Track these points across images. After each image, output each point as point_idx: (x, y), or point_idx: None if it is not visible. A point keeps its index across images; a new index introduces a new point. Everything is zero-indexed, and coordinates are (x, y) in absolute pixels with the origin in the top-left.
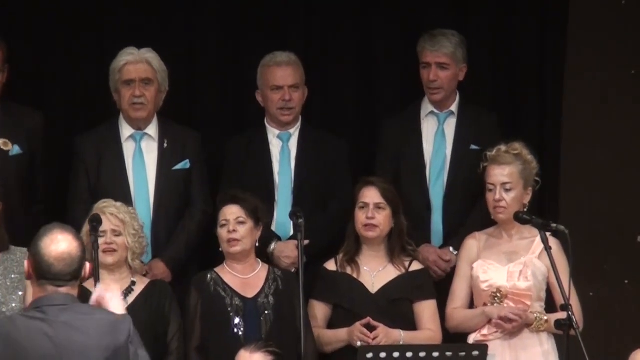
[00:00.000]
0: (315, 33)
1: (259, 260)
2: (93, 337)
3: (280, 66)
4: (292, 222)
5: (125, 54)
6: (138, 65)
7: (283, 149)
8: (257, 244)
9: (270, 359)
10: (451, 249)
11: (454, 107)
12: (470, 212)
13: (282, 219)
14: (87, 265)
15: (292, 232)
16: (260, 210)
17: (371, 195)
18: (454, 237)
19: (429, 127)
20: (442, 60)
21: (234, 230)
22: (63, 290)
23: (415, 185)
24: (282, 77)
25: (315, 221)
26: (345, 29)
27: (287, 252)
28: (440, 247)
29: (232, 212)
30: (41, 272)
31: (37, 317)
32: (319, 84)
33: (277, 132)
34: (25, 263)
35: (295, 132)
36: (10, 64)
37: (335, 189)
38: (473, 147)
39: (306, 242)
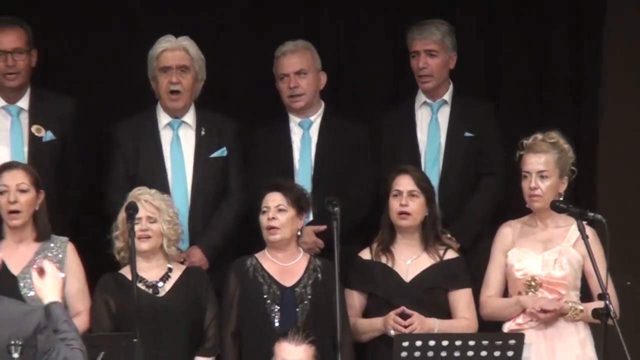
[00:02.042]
0: (343, 22)
1: (301, 249)
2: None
3: (285, 55)
4: (311, 209)
5: (162, 41)
6: (175, 52)
7: (304, 136)
8: (300, 234)
9: (313, 350)
10: (448, 235)
11: (446, 97)
12: (467, 198)
13: None
14: (0, 258)
15: (310, 218)
16: (304, 199)
17: (405, 183)
18: (452, 223)
19: (422, 117)
20: (430, 47)
21: (274, 218)
22: None
23: None
24: (287, 64)
25: None
26: (376, 14)
27: (305, 237)
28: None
29: (273, 200)
30: None
31: None
32: (349, 73)
33: (298, 119)
34: None
35: (316, 119)
36: (44, 49)
37: (355, 176)
38: (467, 134)
39: (322, 227)
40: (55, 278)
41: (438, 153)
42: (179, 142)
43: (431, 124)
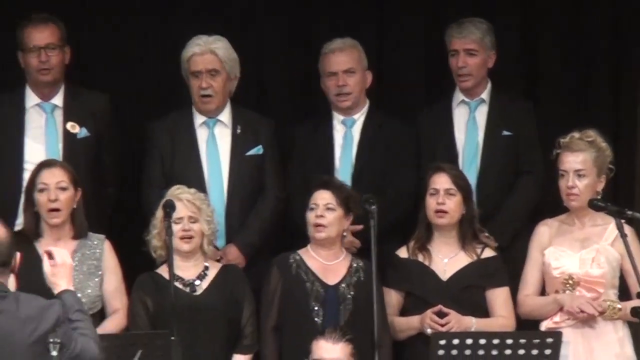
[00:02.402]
0: (386, 19)
1: (344, 249)
2: (18, 326)
3: (333, 52)
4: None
5: (192, 44)
6: (204, 57)
7: (346, 134)
8: (345, 234)
9: (351, 348)
10: (486, 233)
11: (484, 95)
12: (505, 197)
13: None
14: (18, 255)
15: None
16: (352, 200)
17: (441, 181)
18: (489, 222)
19: (460, 116)
20: (470, 46)
21: (322, 216)
22: None
23: None
24: (335, 62)
25: None
26: (416, 13)
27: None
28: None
29: (322, 198)
30: None
31: None
32: (390, 71)
33: (341, 117)
34: None
35: (360, 117)
36: (78, 47)
37: (395, 175)
38: (505, 132)
39: (359, 227)
40: (65, 265)
41: (476, 151)
42: (214, 140)
43: (469, 123)
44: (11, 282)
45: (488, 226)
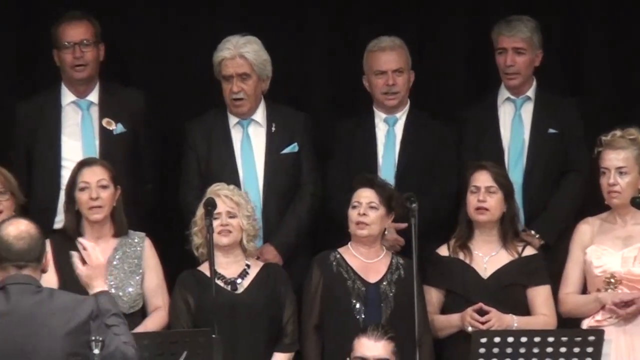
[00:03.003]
0: (426, 17)
1: (384, 247)
2: (53, 315)
3: (384, 51)
4: None
5: (222, 48)
6: (234, 61)
7: (389, 132)
8: (386, 233)
9: (393, 346)
10: (533, 232)
11: (530, 93)
12: (551, 195)
13: None
14: (49, 254)
15: None
16: (395, 199)
17: (483, 179)
18: (535, 220)
19: (506, 113)
20: (518, 45)
21: (365, 214)
22: (25, 271)
23: None
24: (385, 61)
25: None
26: (457, 12)
27: (386, 235)
28: (522, 231)
29: (365, 196)
30: (1, 254)
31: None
32: (430, 69)
33: (384, 115)
34: None
35: (402, 116)
36: (113, 44)
37: (439, 174)
38: (551, 130)
39: (403, 225)
40: (99, 265)
41: (522, 149)
42: (249, 140)
43: (514, 120)
44: (54, 280)
45: (534, 224)
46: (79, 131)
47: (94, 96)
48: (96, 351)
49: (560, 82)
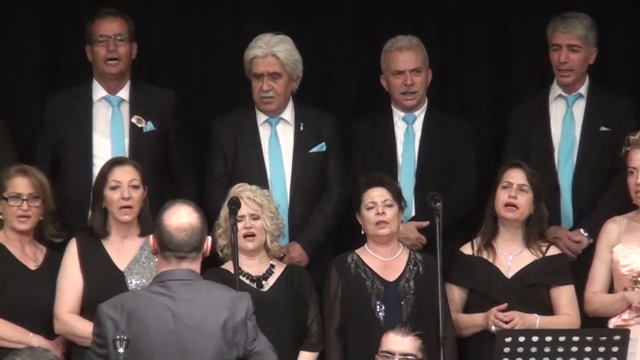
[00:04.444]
0: (449, 17)
1: (400, 244)
2: (211, 313)
3: (401, 51)
4: (414, 204)
5: (254, 46)
6: (266, 59)
7: (407, 131)
8: (401, 229)
9: (420, 343)
10: (582, 230)
11: (582, 90)
12: (601, 194)
13: None
14: (209, 239)
15: (413, 213)
16: (402, 195)
17: (516, 176)
18: (585, 218)
19: (557, 110)
20: (573, 42)
21: (383, 213)
22: (184, 264)
23: (543, 167)
24: (403, 61)
25: None
26: (480, 12)
27: (408, 233)
28: (571, 229)
29: (379, 195)
30: (163, 243)
31: (160, 292)
32: (451, 68)
33: (402, 114)
34: (151, 238)
35: (420, 114)
36: (144, 43)
37: (458, 172)
38: (603, 128)
39: (425, 223)
40: None
41: (572, 147)
42: (277, 138)
43: (566, 117)
44: (78, 280)
45: (583, 222)
46: (108, 128)
47: (124, 93)
48: (120, 350)
49: (620, 81)
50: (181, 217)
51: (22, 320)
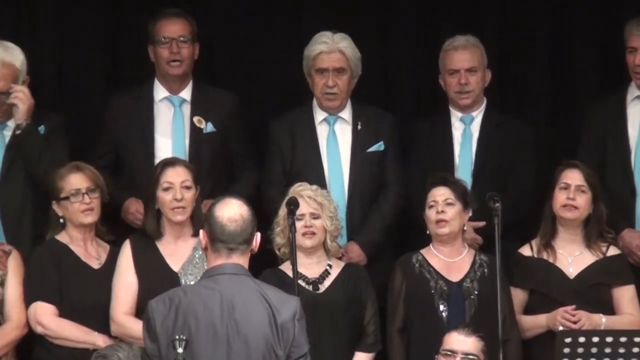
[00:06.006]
0: (510, 16)
1: (466, 245)
2: (259, 310)
3: (456, 50)
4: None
5: (319, 42)
6: (332, 55)
7: (465, 131)
8: (465, 228)
9: (482, 345)
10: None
11: None
12: None
13: None
14: (258, 235)
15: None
16: (468, 194)
17: (574, 177)
18: None
19: (635, 112)
20: None
21: (443, 211)
22: (234, 258)
23: (619, 170)
24: (458, 60)
25: None
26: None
27: (464, 234)
28: None
29: (441, 194)
30: (215, 234)
31: (210, 287)
32: (514, 68)
33: (459, 114)
34: (201, 234)
35: (478, 115)
36: (207, 45)
37: (515, 174)
38: None
39: (482, 224)
40: None
41: None
42: (335, 137)
43: None
44: (134, 282)
45: None
46: (169, 128)
47: (186, 94)
48: (179, 350)
49: None
50: (233, 208)
51: (87, 320)
